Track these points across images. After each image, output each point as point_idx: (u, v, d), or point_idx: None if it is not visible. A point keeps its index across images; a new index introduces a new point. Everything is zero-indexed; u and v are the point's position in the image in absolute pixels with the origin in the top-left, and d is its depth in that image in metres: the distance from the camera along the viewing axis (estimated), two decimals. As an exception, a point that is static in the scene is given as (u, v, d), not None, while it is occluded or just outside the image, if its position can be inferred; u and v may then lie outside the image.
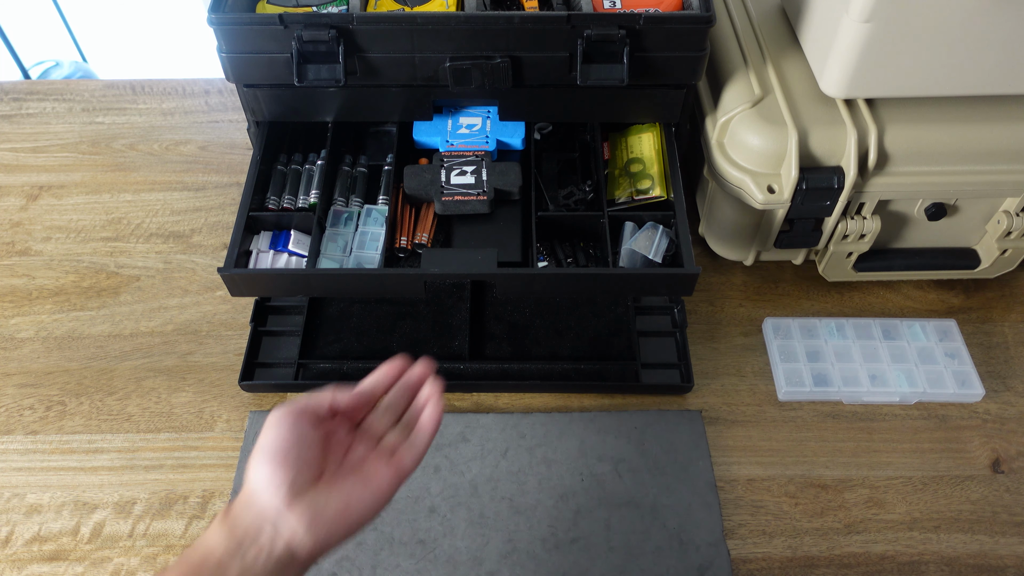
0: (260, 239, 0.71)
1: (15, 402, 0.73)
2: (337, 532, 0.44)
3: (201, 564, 0.41)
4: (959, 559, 0.63)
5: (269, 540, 0.42)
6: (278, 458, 0.44)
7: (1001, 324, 0.78)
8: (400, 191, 0.71)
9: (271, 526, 0.42)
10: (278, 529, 0.42)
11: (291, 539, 0.42)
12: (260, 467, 0.44)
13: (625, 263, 0.69)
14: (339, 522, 0.44)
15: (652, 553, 0.63)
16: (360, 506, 0.45)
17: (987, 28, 0.59)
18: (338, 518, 0.44)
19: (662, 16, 0.64)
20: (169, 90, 1.02)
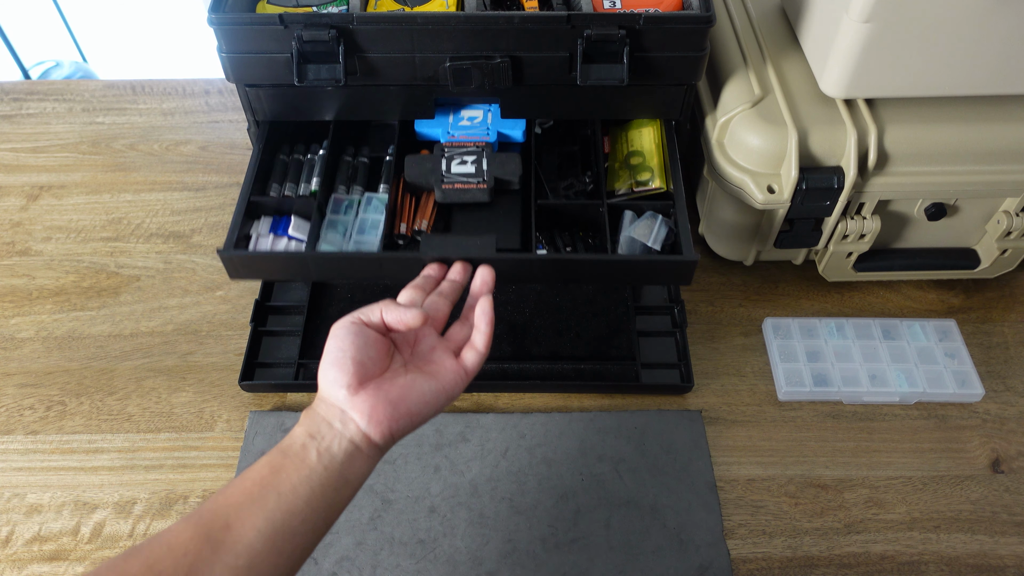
0: (260, 224, 0.71)
1: (15, 402, 0.73)
2: (400, 420, 0.48)
3: (287, 449, 0.46)
4: (959, 559, 0.63)
5: (340, 426, 0.47)
6: (339, 361, 0.48)
7: (1001, 324, 0.78)
8: (400, 180, 0.71)
9: (340, 415, 0.48)
10: (346, 417, 0.48)
11: (357, 425, 0.47)
12: (325, 372, 0.49)
13: (624, 251, 0.68)
14: (400, 411, 0.48)
15: (652, 553, 0.63)
16: (422, 398, 0.49)
17: (987, 28, 0.59)
18: (397, 408, 0.48)
19: (662, 16, 0.64)
20: (169, 90, 1.02)
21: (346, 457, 0.47)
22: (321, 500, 0.45)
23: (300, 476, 0.45)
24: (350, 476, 0.47)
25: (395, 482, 0.66)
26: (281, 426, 0.70)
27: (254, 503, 0.44)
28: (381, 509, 0.65)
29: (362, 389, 0.48)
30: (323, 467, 0.46)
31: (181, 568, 0.40)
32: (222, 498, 0.44)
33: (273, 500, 0.44)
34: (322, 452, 0.46)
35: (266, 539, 0.43)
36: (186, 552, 0.41)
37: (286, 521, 0.44)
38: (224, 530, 0.42)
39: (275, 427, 0.70)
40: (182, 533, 0.42)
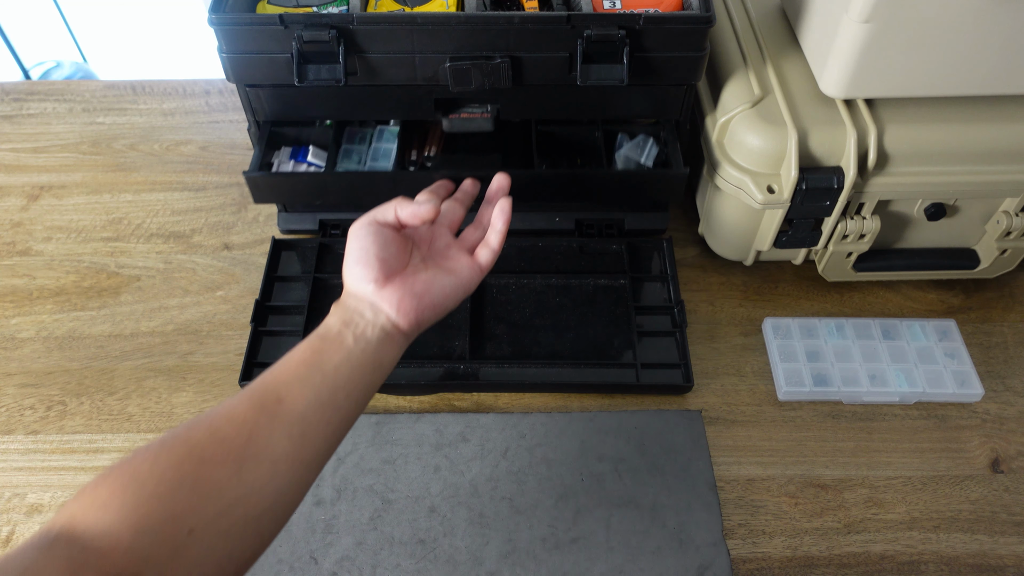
0: (281, 154, 0.76)
1: (16, 402, 0.73)
2: (425, 310, 0.54)
3: (325, 335, 0.51)
4: (958, 559, 0.63)
5: (372, 315, 0.52)
6: (363, 259, 0.53)
7: (1000, 324, 0.78)
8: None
9: (370, 306, 0.53)
10: (376, 307, 0.52)
11: (387, 315, 0.52)
12: (350, 270, 0.54)
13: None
14: (424, 302, 0.53)
15: (652, 553, 0.63)
16: (443, 291, 0.55)
17: (987, 28, 0.59)
18: (422, 299, 0.53)
19: (662, 16, 0.64)
20: (169, 90, 1.02)
21: (379, 343, 0.51)
22: (360, 379, 0.50)
23: (341, 357, 0.50)
24: (383, 360, 0.52)
25: (395, 482, 0.66)
26: (281, 426, 0.70)
27: (302, 381, 0.48)
28: (381, 509, 0.65)
29: (388, 283, 0.53)
30: (360, 350, 0.50)
31: (243, 434, 0.44)
32: (272, 377, 0.48)
33: (318, 377, 0.48)
34: (358, 337, 0.51)
35: (315, 410, 0.47)
36: (245, 421, 0.45)
37: (331, 396, 0.48)
38: (277, 403, 0.46)
39: (275, 427, 0.70)
40: (239, 406, 0.46)
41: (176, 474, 0.41)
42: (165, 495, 0.40)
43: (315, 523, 0.64)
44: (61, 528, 0.39)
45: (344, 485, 0.66)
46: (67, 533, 0.38)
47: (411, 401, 0.72)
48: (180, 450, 0.43)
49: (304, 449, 0.46)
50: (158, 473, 0.41)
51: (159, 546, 0.39)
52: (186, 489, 0.41)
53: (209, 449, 0.43)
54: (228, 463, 0.43)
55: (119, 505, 0.39)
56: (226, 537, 0.42)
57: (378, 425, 0.69)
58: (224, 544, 0.42)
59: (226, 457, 0.43)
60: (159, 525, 0.39)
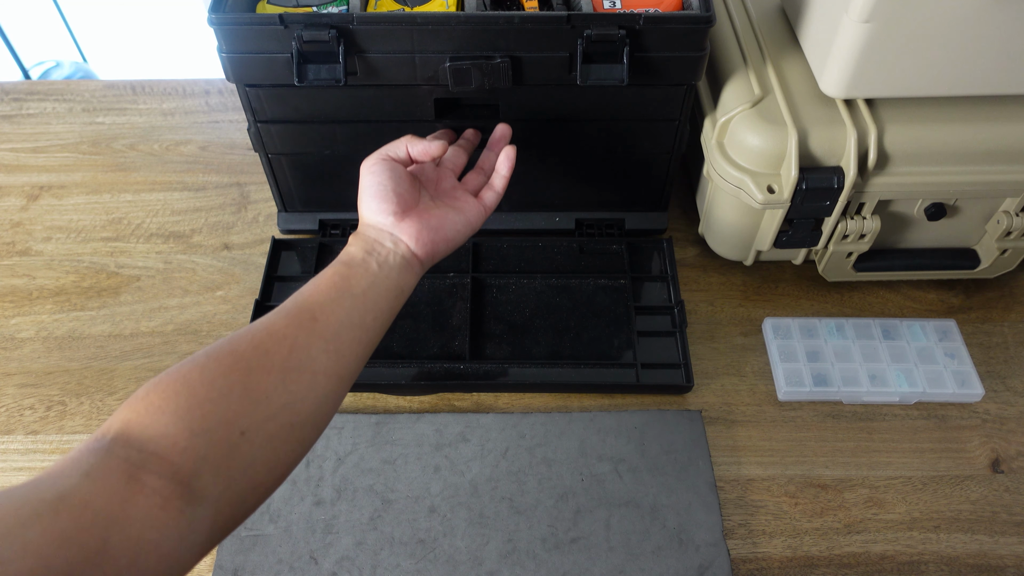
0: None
1: (15, 402, 0.73)
2: (439, 243, 0.58)
3: (350, 262, 0.54)
4: (959, 559, 0.63)
5: (392, 244, 0.56)
6: (379, 194, 0.57)
7: (1001, 324, 0.78)
8: None
9: (389, 235, 0.57)
10: (396, 238, 0.56)
11: (407, 245, 0.56)
12: (367, 203, 0.58)
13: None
14: (439, 235, 0.58)
15: (652, 553, 0.63)
16: (454, 227, 0.59)
17: (987, 28, 0.59)
18: (437, 232, 0.58)
19: (662, 16, 0.64)
20: (169, 90, 1.02)
21: (400, 270, 0.55)
22: (384, 303, 0.54)
23: (367, 282, 0.53)
24: (403, 286, 0.56)
25: (395, 482, 0.66)
26: (281, 426, 0.70)
27: (333, 302, 0.51)
28: (381, 509, 0.65)
29: (406, 217, 0.57)
30: (384, 276, 0.54)
31: (284, 347, 0.47)
32: (303, 298, 0.51)
33: (348, 300, 0.51)
34: (381, 264, 0.54)
35: (347, 329, 0.50)
36: (285, 336, 0.47)
37: (361, 317, 0.51)
38: (312, 321, 0.49)
39: (275, 427, 0.70)
40: (278, 322, 0.49)
41: (226, 381, 0.44)
42: (217, 399, 0.43)
43: (315, 523, 0.64)
44: (117, 432, 0.40)
45: (344, 485, 0.66)
46: (123, 436, 0.40)
47: (411, 401, 0.72)
48: (227, 360, 0.45)
49: (339, 364, 0.49)
50: (208, 380, 0.43)
51: (214, 447, 0.41)
52: (236, 395, 0.44)
53: (255, 360, 0.45)
54: (273, 373, 0.45)
55: (173, 409, 0.41)
56: (274, 441, 0.44)
57: (378, 425, 0.69)
58: (272, 448, 0.44)
59: (271, 367, 0.45)
60: (213, 427, 0.42)
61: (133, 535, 0.36)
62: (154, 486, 0.38)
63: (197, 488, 0.40)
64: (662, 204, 0.83)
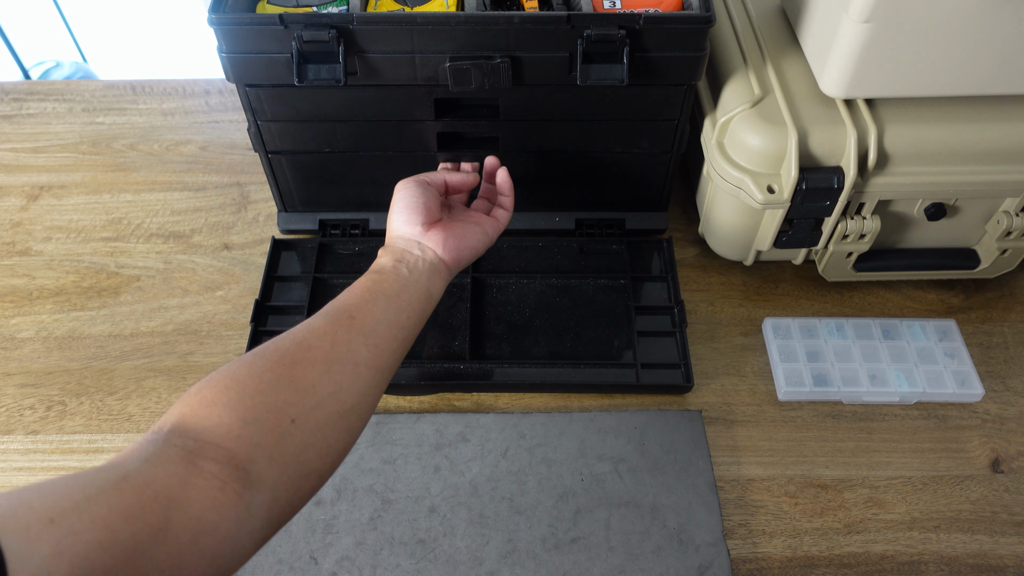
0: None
1: (15, 402, 0.73)
2: (464, 252, 0.62)
3: (380, 270, 0.57)
4: (959, 559, 0.63)
5: (420, 251, 0.60)
6: (410, 207, 0.61)
7: (1001, 324, 0.78)
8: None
9: (417, 244, 0.60)
10: (423, 246, 0.60)
11: (434, 251, 0.60)
12: (397, 215, 0.61)
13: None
14: (463, 244, 0.61)
15: (652, 553, 0.63)
16: (475, 236, 0.63)
17: (987, 28, 0.59)
18: (461, 241, 0.61)
19: (662, 16, 0.64)
20: (169, 90, 1.02)
21: (429, 274, 0.58)
22: (416, 305, 0.56)
23: (400, 285, 0.56)
24: (432, 290, 0.58)
25: (395, 482, 0.66)
26: (281, 426, 0.70)
27: (368, 302, 0.53)
28: (381, 509, 0.65)
29: (432, 227, 0.61)
30: (414, 280, 0.57)
31: (326, 342, 0.49)
32: (340, 303, 0.53)
33: (383, 301, 0.54)
34: (411, 269, 0.58)
35: (385, 326, 0.53)
36: (326, 332, 0.50)
37: (396, 316, 0.54)
38: (351, 319, 0.52)
39: (275, 427, 0.70)
40: (317, 321, 0.51)
41: (273, 375, 0.46)
42: (266, 391, 0.45)
43: (315, 523, 0.64)
44: (173, 425, 0.42)
45: (344, 485, 0.66)
46: (179, 428, 0.42)
47: (411, 401, 0.72)
48: (272, 356, 0.47)
49: (378, 357, 0.51)
50: (256, 374, 0.46)
51: (267, 434, 0.43)
52: (284, 385, 0.46)
53: (299, 354, 0.48)
54: (317, 364, 0.48)
55: (225, 401, 0.43)
56: (324, 428, 0.46)
57: (378, 425, 0.69)
58: (323, 434, 0.46)
59: (315, 360, 0.48)
60: (264, 415, 0.44)
61: (194, 515, 0.38)
62: (212, 470, 0.40)
63: (253, 473, 0.41)
64: (662, 204, 0.83)
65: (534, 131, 0.74)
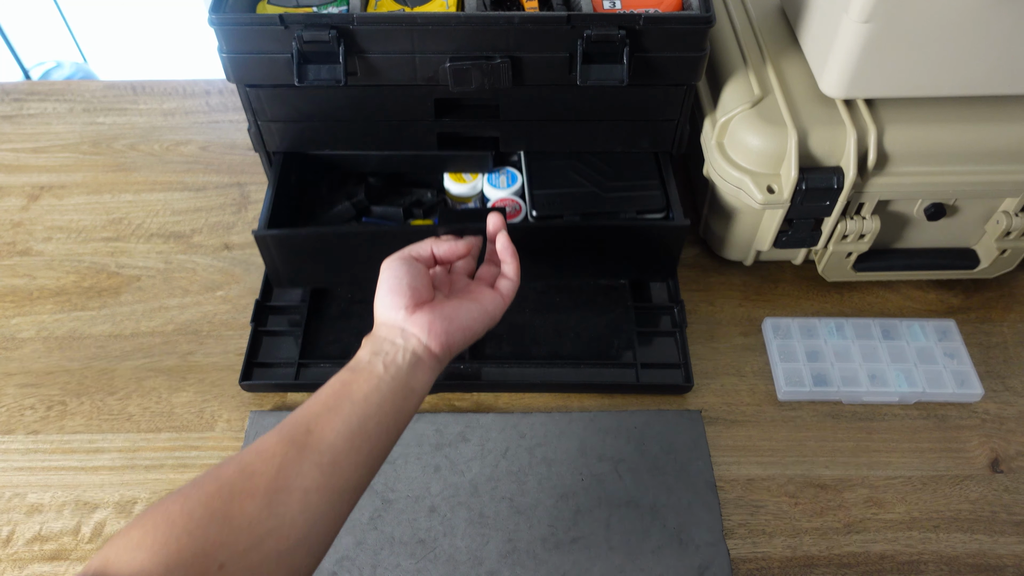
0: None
1: (16, 402, 0.73)
2: (454, 335, 0.54)
3: (354, 368, 0.51)
4: (958, 559, 0.63)
5: (402, 340, 0.53)
6: (394, 288, 0.55)
7: (1000, 324, 0.78)
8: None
9: (400, 331, 0.53)
10: (406, 333, 0.53)
11: (418, 341, 0.53)
12: (382, 299, 0.55)
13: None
14: (453, 326, 0.54)
15: (652, 553, 0.63)
16: (469, 315, 0.55)
17: (987, 28, 0.59)
18: (452, 323, 0.54)
19: (662, 16, 0.64)
20: (170, 91, 1.02)
21: (410, 368, 0.52)
22: (391, 406, 0.50)
23: (370, 386, 0.50)
24: (415, 385, 0.52)
25: (395, 482, 0.66)
26: (281, 426, 0.70)
27: (331, 411, 0.48)
28: (381, 509, 0.65)
29: (418, 309, 0.54)
30: (390, 377, 0.50)
31: (271, 467, 0.44)
32: (301, 412, 0.48)
33: (348, 407, 0.48)
34: (388, 364, 0.51)
35: (345, 439, 0.47)
36: (274, 454, 0.45)
37: (362, 424, 0.48)
38: (306, 434, 0.47)
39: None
40: (268, 440, 0.46)
41: (205, 510, 0.42)
42: (195, 531, 0.41)
43: (315, 523, 0.64)
44: (95, 571, 0.39)
45: (344, 485, 0.66)
46: (101, 574, 0.39)
47: (411, 401, 0.72)
48: (210, 487, 0.43)
49: (335, 478, 0.46)
50: (188, 510, 0.42)
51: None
52: (216, 524, 0.42)
53: (239, 483, 0.43)
54: (258, 495, 0.43)
55: (151, 543, 0.40)
56: (257, 572, 0.42)
57: (378, 425, 0.69)
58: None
59: (255, 490, 0.43)
60: (190, 560, 0.40)
61: None
62: None
63: None
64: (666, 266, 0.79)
65: (534, 131, 0.74)
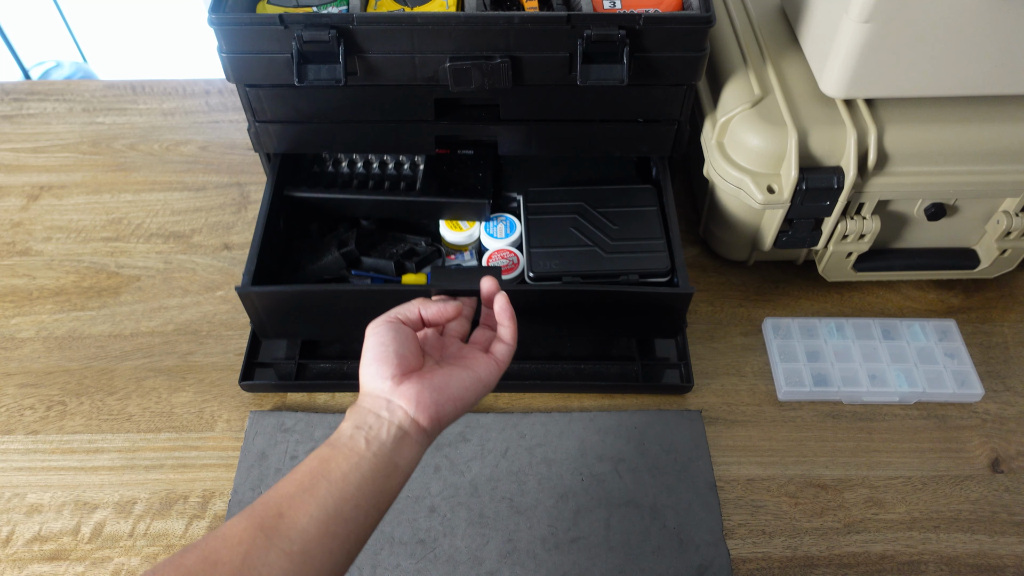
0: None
1: (16, 402, 0.73)
2: (445, 406, 0.50)
3: (334, 444, 0.48)
4: (958, 559, 0.63)
5: (387, 414, 0.49)
6: (380, 356, 0.51)
7: (1000, 324, 0.78)
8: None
9: (385, 403, 0.49)
10: (392, 405, 0.49)
11: (404, 414, 0.49)
12: (367, 368, 0.51)
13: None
14: (443, 396, 0.50)
15: (652, 553, 0.63)
16: (461, 384, 0.52)
17: (987, 28, 0.59)
18: (441, 393, 0.50)
19: (662, 16, 0.64)
20: (169, 90, 1.02)
21: (395, 443, 0.48)
22: (372, 485, 0.46)
23: (350, 464, 0.46)
24: (400, 462, 0.48)
25: (395, 482, 0.66)
26: (281, 426, 0.70)
27: (305, 492, 0.45)
28: (381, 509, 0.65)
29: (406, 379, 0.50)
30: (372, 454, 0.47)
31: (237, 556, 0.41)
32: (274, 492, 0.45)
33: (324, 487, 0.45)
34: (371, 440, 0.48)
35: (319, 524, 0.44)
36: (240, 541, 0.42)
37: (338, 507, 0.45)
38: (277, 518, 0.43)
39: (275, 427, 0.70)
40: (236, 526, 0.43)
41: None
42: None
43: (315, 523, 0.64)
44: None
45: (344, 485, 0.66)
46: None
47: (411, 401, 0.72)
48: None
49: (306, 567, 0.43)
50: None
51: None
52: None
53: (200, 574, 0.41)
54: None
55: None
56: None
57: (378, 425, 0.69)
58: None
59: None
60: None
61: None
62: None
63: None
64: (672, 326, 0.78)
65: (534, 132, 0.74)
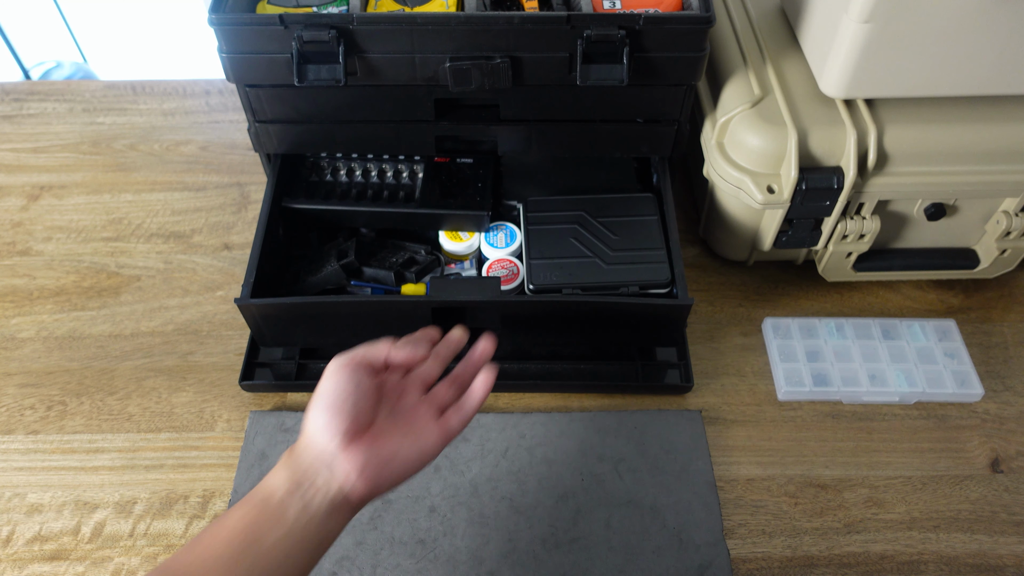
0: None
1: (16, 402, 0.73)
2: (385, 480, 0.48)
3: (264, 503, 0.45)
4: (958, 559, 0.63)
5: (325, 482, 0.46)
6: (335, 406, 0.47)
7: (1000, 324, 0.78)
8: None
9: (327, 469, 0.46)
10: (333, 472, 0.46)
11: (344, 482, 0.46)
12: (319, 414, 0.47)
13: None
14: (387, 470, 0.48)
15: (652, 553, 0.63)
16: (407, 459, 0.49)
17: (987, 28, 0.59)
18: (386, 467, 0.48)
19: (662, 16, 0.64)
20: (170, 90, 1.02)
21: (326, 516, 0.46)
22: (297, 558, 0.45)
23: (279, 533, 0.44)
24: (326, 534, 0.46)
25: (395, 482, 0.66)
26: (281, 426, 0.70)
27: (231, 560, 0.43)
28: (381, 509, 0.65)
29: (354, 442, 0.47)
30: (303, 524, 0.45)
31: None
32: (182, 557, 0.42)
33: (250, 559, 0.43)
34: (306, 504, 0.45)
35: None
36: None
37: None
38: None
39: (275, 427, 0.70)
40: None
41: None
42: None
43: (315, 523, 0.64)
44: None
45: (344, 485, 0.66)
46: None
47: (411, 401, 0.72)
48: None
49: None
50: None
51: None
52: None
53: None
54: None
55: None
56: None
57: (378, 425, 0.69)
58: None
59: None
60: None
61: None
62: None
63: None
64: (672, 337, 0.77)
65: (534, 132, 0.74)
